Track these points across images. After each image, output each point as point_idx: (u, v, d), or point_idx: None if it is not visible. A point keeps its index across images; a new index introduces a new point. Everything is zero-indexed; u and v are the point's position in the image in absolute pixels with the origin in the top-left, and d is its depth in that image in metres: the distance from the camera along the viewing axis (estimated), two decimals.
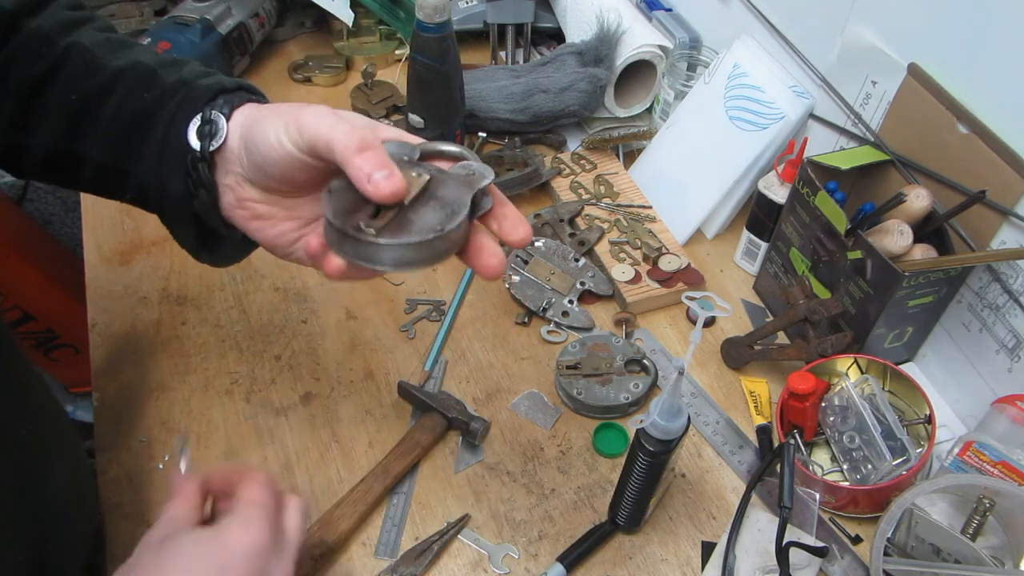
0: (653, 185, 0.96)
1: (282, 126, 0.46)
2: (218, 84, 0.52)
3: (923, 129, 0.70)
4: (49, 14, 0.55)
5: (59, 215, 1.70)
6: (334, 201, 0.46)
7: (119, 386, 0.76)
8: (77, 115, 0.53)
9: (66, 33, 0.54)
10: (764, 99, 0.86)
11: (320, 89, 1.13)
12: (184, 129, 0.50)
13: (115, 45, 0.55)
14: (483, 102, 0.98)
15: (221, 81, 0.53)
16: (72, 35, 0.54)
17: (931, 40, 0.68)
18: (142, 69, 0.53)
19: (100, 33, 0.56)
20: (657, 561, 0.66)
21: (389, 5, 1.14)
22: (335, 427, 0.74)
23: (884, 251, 0.67)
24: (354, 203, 0.46)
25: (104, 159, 0.53)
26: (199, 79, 0.53)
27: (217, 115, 0.50)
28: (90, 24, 0.56)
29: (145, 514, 0.67)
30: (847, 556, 0.64)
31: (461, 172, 0.48)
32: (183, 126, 0.50)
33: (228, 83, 0.53)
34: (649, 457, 0.59)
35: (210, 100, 0.51)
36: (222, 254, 0.57)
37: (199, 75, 0.54)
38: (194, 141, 0.50)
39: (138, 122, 0.52)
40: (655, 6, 1.06)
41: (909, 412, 0.72)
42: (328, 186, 0.47)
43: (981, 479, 0.61)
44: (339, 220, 0.45)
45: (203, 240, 0.55)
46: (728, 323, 0.85)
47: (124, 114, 0.52)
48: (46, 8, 0.55)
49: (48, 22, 0.54)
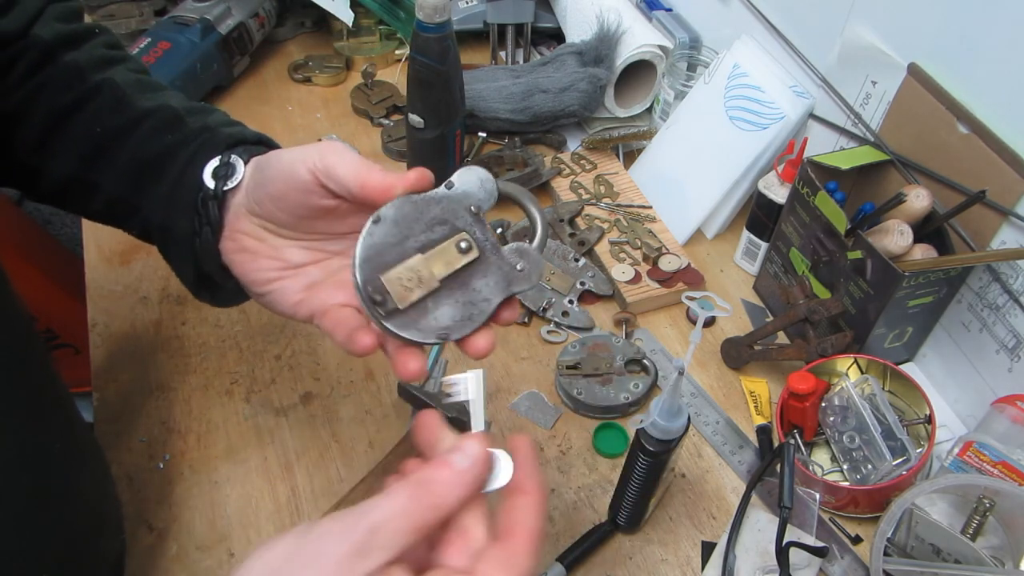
0: (653, 185, 0.96)
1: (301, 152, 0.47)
2: (239, 135, 0.53)
3: (923, 129, 0.70)
4: (87, 50, 0.56)
5: (59, 215, 1.70)
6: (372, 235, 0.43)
7: (119, 386, 0.76)
8: (98, 147, 0.54)
9: (100, 70, 0.55)
10: (764, 99, 0.86)
11: (320, 89, 1.13)
12: (200, 170, 0.51)
13: (146, 87, 0.56)
14: (483, 102, 0.98)
15: (243, 132, 0.54)
16: (106, 72, 0.55)
17: (931, 40, 0.68)
18: (169, 112, 0.54)
19: (133, 74, 0.57)
20: (657, 561, 0.66)
21: (389, 5, 1.14)
22: (335, 427, 0.74)
23: (884, 251, 0.67)
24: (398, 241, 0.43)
25: (116, 192, 0.54)
26: (222, 127, 0.54)
27: (236, 159, 0.51)
28: (124, 64, 0.58)
29: (145, 514, 0.67)
30: (847, 556, 0.64)
31: (511, 261, 0.45)
32: (200, 167, 0.51)
33: (250, 135, 0.54)
34: (649, 457, 0.59)
35: (230, 147, 0.52)
36: (221, 297, 0.57)
37: (223, 123, 0.55)
38: (209, 180, 0.51)
39: (157, 161, 0.53)
40: (655, 6, 1.06)
41: (909, 412, 0.72)
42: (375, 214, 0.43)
43: (981, 479, 0.61)
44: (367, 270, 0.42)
45: (202, 281, 0.55)
46: (728, 323, 0.85)
47: (144, 152, 0.53)
48: (85, 43, 0.57)
49: (84, 56, 0.55)
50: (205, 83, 1.06)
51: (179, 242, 0.53)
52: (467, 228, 0.44)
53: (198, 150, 0.52)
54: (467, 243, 0.43)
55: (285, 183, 0.48)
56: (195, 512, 0.67)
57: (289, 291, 0.51)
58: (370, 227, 0.43)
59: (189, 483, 0.69)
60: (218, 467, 0.70)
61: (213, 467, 0.70)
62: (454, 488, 0.35)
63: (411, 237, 0.43)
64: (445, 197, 0.44)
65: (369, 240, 0.43)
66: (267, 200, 0.49)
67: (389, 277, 0.43)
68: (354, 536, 0.32)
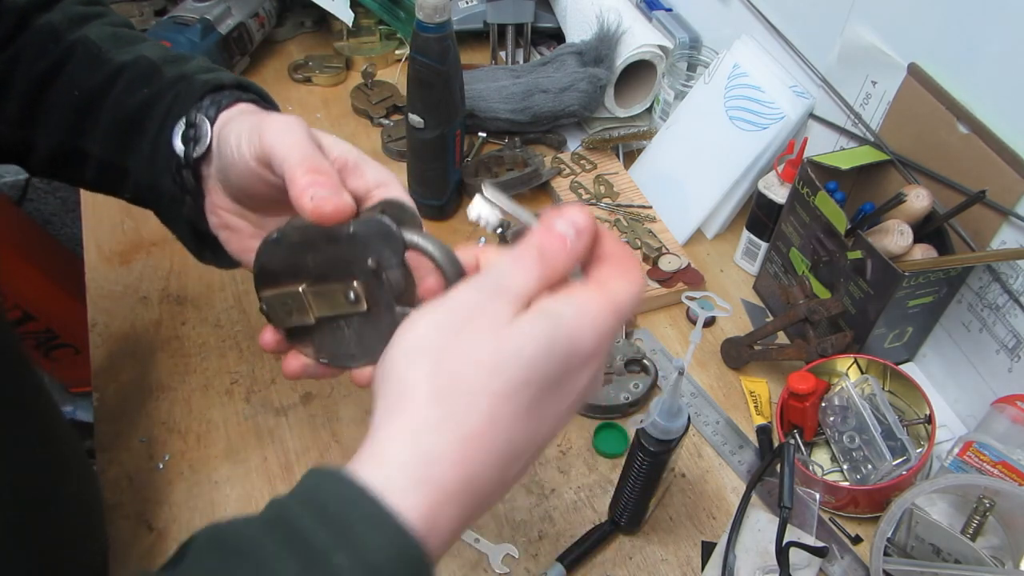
0: (653, 185, 0.96)
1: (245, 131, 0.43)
2: (215, 80, 0.49)
3: (923, 129, 0.70)
4: (60, 9, 0.53)
5: (59, 215, 1.70)
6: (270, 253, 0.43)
7: (119, 386, 0.76)
8: (80, 111, 0.51)
9: (75, 28, 0.52)
10: (764, 99, 0.86)
11: (320, 89, 1.13)
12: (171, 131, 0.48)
13: (122, 40, 0.53)
14: (483, 102, 0.98)
15: (219, 78, 0.50)
16: (80, 30, 0.52)
17: (931, 40, 0.68)
18: (144, 64, 0.51)
19: (110, 27, 0.54)
20: (657, 561, 0.66)
21: (389, 5, 1.14)
22: (335, 427, 0.74)
23: (884, 251, 0.67)
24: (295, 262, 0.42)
25: (104, 155, 0.52)
26: (199, 74, 0.50)
27: (202, 119, 0.47)
28: (101, 19, 0.55)
29: (145, 514, 0.67)
30: (847, 556, 0.64)
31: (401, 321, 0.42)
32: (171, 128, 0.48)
33: (227, 79, 0.50)
34: (649, 457, 0.59)
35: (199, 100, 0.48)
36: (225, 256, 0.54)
37: (200, 71, 0.51)
38: (179, 146, 0.47)
39: (135, 118, 0.50)
40: (655, 6, 1.06)
41: (909, 412, 0.72)
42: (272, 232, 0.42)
43: (981, 479, 0.61)
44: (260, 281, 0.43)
45: (201, 240, 0.53)
46: (728, 323, 0.85)
47: (123, 110, 0.50)
48: (58, 3, 0.54)
49: (58, 16, 0.53)
50: None
51: (168, 204, 0.50)
52: (363, 278, 0.40)
53: (173, 102, 0.48)
54: (355, 296, 0.40)
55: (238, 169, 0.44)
56: (195, 512, 0.67)
57: None
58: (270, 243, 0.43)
59: (189, 483, 0.69)
60: (218, 467, 0.70)
61: (213, 467, 0.70)
62: (572, 254, 0.35)
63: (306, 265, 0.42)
64: (347, 240, 0.40)
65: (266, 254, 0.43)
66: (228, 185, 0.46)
67: (269, 297, 0.44)
68: (501, 309, 0.33)
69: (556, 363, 0.33)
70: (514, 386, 0.32)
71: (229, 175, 0.45)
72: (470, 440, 0.31)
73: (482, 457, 0.31)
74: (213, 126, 0.46)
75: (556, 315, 0.33)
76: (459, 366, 0.32)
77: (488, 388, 0.31)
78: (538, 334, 0.32)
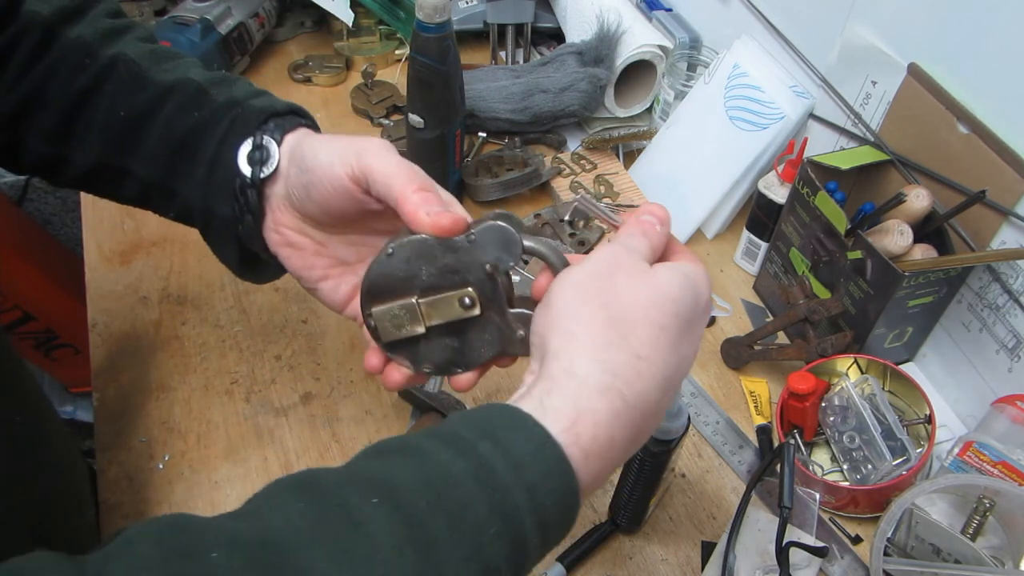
0: (653, 185, 0.96)
1: (338, 152, 0.45)
2: (270, 107, 0.51)
3: (923, 129, 0.70)
4: (89, 22, 0.53)
5: (59, 215, 1.70)
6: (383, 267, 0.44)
7: (119, 386, 0.76)
8: (125, 131, 0.52)
9: (109, 43, 0.53)
10: (764, 99, 0.86)
11: (320, 89, 1.13)
12: (235, 152, 0.49)
13: (161, 57, 0.54)
14: (483, 102, 0.98)
15: (273, 104, 0.51)
16: (115, 45, 0.53)
17: (931, 40, 0.68)
18: (192, 86, 0.52)
19: (144, 44, 0.54)
20: (657, 561, 0.66)
21: (389, 5, 1.14)
22: (335, 427, 0.74)
23: (884, 251, 0.67)
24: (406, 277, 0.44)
25: (151, 177, 0.52)
26: (250, 99, 0.52)
27: (269, 140, 0.49)
28: (131, 33, 0.55)
29: (145, 514, 0.67)
30: (847, 556, 0.64)
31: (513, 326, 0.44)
32: (234, 149, 0.49)
33: (280, 106, 0.51)
34: (649, 457, 0.59)
35: (262, 124, 0.50)
36: (265, 275, 0.56)
37: (250, 95, 0.52)
38: (244, 167, 0.49)
39: (187, 141, 0.51)
40: (655, 6, 1.06)
41: (909, 412, 0.72)
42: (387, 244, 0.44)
43: (981, 479, 0.61)
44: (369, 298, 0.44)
45: (245, 261, 0.54)
46: (728, 323, 0.85)
47: (173, 132, 0.51)
48: (85, 15, 0.54)
49: (89, 31, 0.53)
50: None
51: (222, 226, 0.51)
52: (476, 285, 0.43)
53: (230, 127, 0.50)
54: (471, 300, 0.43)
55: (325, 189, 0.46)
56: (195, 512, 0.67)
57: (339, 291, 0.51)
58: (383, 258, 0.44)
59: (189, 483, 0.69)
60: (218, 467, 0.70)
61: (213, 467, 0.70)
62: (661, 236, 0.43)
63: (419, 276, 0.43)
64: (463, 249, 0.43)
65: (378, 269, 0.44)
66: (308, 202, 0.48)
67: (379, 311, 0.45)
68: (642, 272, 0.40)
69: (690, 304, 0.39)
70: (667, 318, 0.38)
71: (312, 192, 0.47)
72: (641, 360, 0.36)
73: (649, 374, 0.36)
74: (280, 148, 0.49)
75: (682, 269, 0.40)
76: (622, 301, 0.37)
77: (648, 318, 0.37)
78: (678, 280, 0.39)
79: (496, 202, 0.95)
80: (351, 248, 0.51)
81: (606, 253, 0.40)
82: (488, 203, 0.95)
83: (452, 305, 0.43)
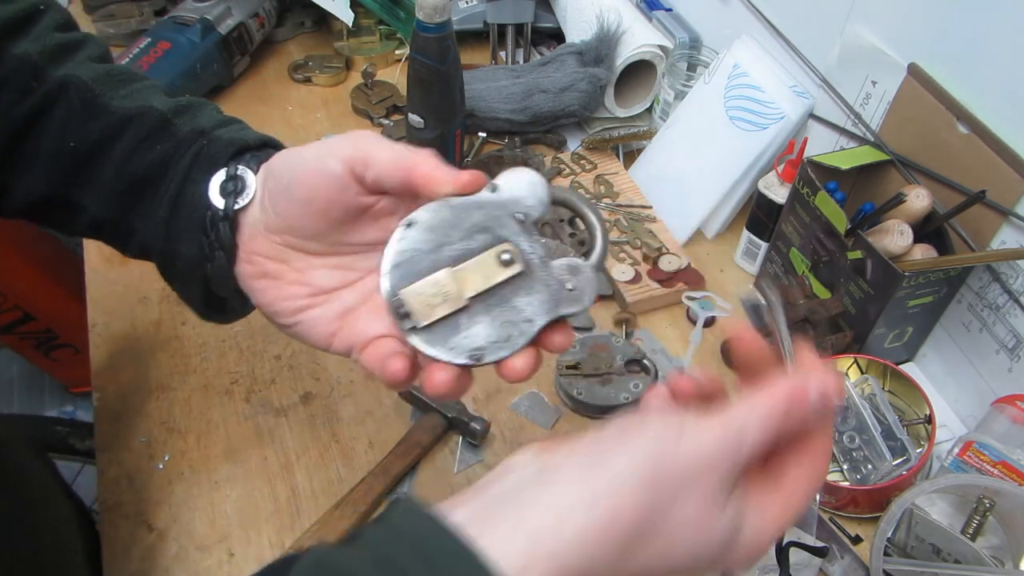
0: (653, 185, 0.96)
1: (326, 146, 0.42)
2: (241, 140, 0.46)
3: (923, 129, 0.70)
4: (36, 37, 0.48)
5: None
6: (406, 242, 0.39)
7: (119, 386, 0.76)
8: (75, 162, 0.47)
9: (58, 63, 0.48)
10: (764, 99, 0.86)
11: (320, 89, 1.13)
12: (203, 187, 0.45)
13: (116, 80, 0.49)
14: (483, 102, 0.98)
15: (244, 136, 0.47)
16: (66, 65, 0.48)
17: (931, 40, 0.68)
18: (154, 115, 0.47)
19: (99, 65, 0.49)
20: None
21: (389, 5, 1.14)
22: (335, 427, 0.74)
23: (884, 251, 0.67)
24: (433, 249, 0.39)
25: (104, 213, 0.48)
26: (218, 129, 0.48)
27: (244, 170, 0.45)
28: (84, 50, 0.50)
29: (145, 514, 0.67)
30: (847, 556, 0.64)
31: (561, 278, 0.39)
32: (202, 183, 0.45)
33: (252, 139, 0.47)
34: None
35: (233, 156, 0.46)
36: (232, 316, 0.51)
37: (217, 124, 0.48)
38: (216, 199, 0.45)
39: (148, 177, 0.46)
40: (655, 6, 1.06)
41: (909, 412, 0.72)
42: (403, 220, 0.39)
43: (981, 479, 0.61)
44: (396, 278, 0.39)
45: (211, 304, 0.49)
46: (728, 323, 0.85)
47: (132, 166, 0.47)
48: (32, 29, 0.49)
49: (35, 47, 0.47)
50: (205, 83, 1.06)
51: (186, 267, 0.47)
52: (511, 238, 0.39)
53: (195, 161, 0.46)
54: (509, 255, 0.38)
55: (313, 182, 0.42)
56: (195, 512, 0.67)
57: (321, 321, 0.45)
58: (402, 231, 0.39)
59: (189, 483, 0.69)
60: (218, 467, 0.70)
61: (213, 467, 0.70)
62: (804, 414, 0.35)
63: (447, 245, 0.39)
64: (488, 202, 0.39)
65: (400, 246, 0.39)
66: (291, 207, 0.43)
67: (410, 291, 0.39)
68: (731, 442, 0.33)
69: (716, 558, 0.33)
70: (687, 569, 0.32)
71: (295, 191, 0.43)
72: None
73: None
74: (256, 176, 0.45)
75: (742, 531, 0.33)
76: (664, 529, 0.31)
77: (675, 556, 0.32)
78: (724, 540, 0.33)
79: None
80: (333, 272, 0.45)
81: (712, 444, 0.33)
82: None
83: (490, 264, 0.38)
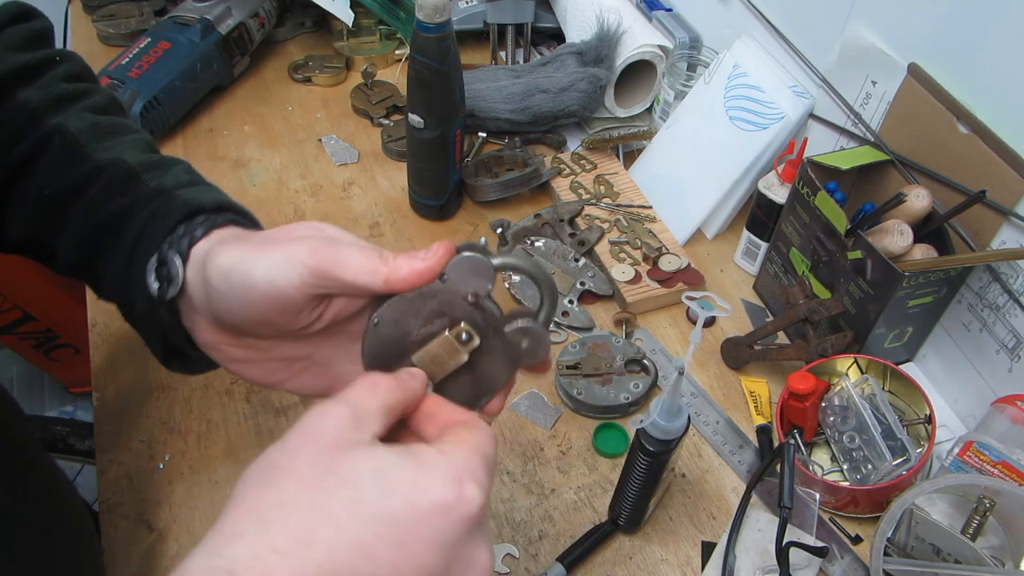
0: (653, 185, 0.96)
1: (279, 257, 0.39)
2: (195, 203, 0.45)
3: (923, 129, 0.70)
4: (42, 85, 0.49)
5: None
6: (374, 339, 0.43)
7: (119, 386, 0.76)
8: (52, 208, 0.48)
9: (55, 111, 0.49)
10: (764, 99, 0.86)
11: (320, 89, 1.13)
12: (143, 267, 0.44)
13: (103, 133, 0.49)
14: (483, 102, 0.98)
15: (200, 199, 0.45)
16: (60, 114, 0.49)
17: (931, 40, 0.68)
18: (123, 168, 0.47)
19: (90, 116, 0.50)
20: (657, 561, 0.66)
21: (389, 5, 1.14)
22: None
23: (884, 251, 0.67)
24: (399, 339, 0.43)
25: (73, 259, 0.48)
26: (180, 188, 0.46)
27: (173, 256, 0.43)
28: (83, 101, 0.51)
29: (145, 514, 0.67)
30: (847, 556, 0.64)
31: (515, 340, 0.43)
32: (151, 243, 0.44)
33: (207, 202, 0.45)
34: (649, 457, 0.59)
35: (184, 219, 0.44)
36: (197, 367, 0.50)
37: (181, 184, 0.47)
38: (152, 282, 0.43)
39: (110, 227, 0.46)
40: (655, 6, 1.06)
41: (909, 412, 0.72)
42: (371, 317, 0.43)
43: (981, 479, 0.61)
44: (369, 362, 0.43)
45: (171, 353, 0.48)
46: (728, 323, 0.85)
47: (95, 217, 0.46)
48: (41, 77, 0.50)
49: (38, 95, 0.49)
50: (205, 83, 1.06)
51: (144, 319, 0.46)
52: (465, 317, 0.43)
53: (150, 219, 0.45)
54: (467, 334, 0.43)
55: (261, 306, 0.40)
56: (195, 512, 0.67)
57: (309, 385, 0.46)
58: (371, 331, 0.43)
59: (189, 483, 0.69)
60: (218, 467, 0.70)
61: (213, 467, 0.70)
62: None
63: (411, 333, 0.43)
64: (441, 291, 0.42)
65: (371, 343, 0.43)
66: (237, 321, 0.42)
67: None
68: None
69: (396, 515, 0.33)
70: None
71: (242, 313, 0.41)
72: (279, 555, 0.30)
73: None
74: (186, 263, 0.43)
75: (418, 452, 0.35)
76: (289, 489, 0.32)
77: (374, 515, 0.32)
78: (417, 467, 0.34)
79: (496, 202, 0.95)
80: (305, 342, 0.44)
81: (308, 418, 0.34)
82: (488, 203, 0.95)
83: (452, 345, 0.43)
